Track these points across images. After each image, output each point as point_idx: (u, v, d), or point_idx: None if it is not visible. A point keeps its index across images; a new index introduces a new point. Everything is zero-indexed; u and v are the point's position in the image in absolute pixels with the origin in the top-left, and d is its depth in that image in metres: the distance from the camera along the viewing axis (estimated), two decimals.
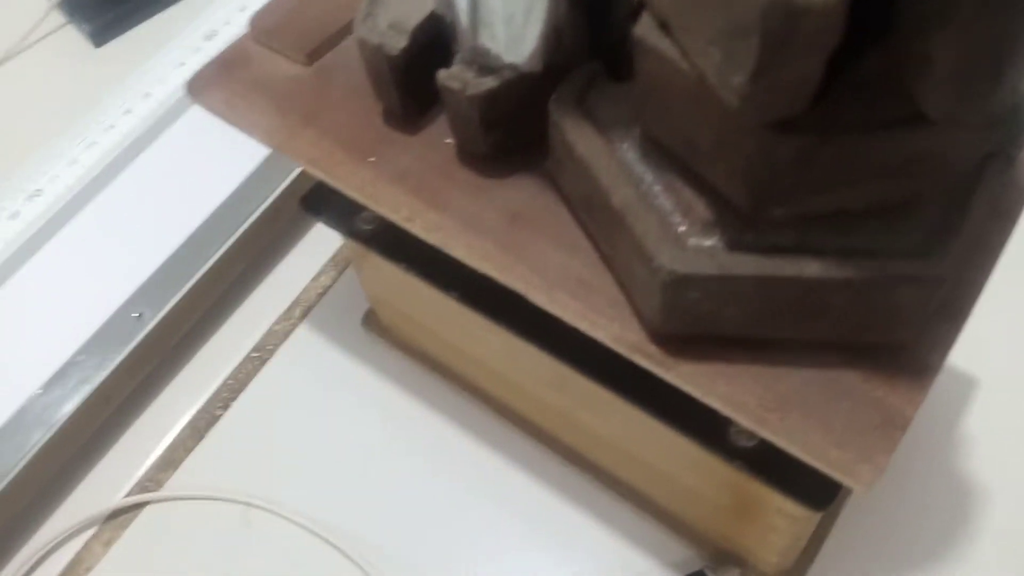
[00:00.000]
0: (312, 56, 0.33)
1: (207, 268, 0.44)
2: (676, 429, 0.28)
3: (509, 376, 0.38)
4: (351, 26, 0.32)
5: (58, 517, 0.41)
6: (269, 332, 0.45)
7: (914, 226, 0.23)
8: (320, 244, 0.48)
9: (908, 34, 0.20)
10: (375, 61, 0.29)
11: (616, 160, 0.25)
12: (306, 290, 0.47)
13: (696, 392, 0.24)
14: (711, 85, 0.20)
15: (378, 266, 0.37)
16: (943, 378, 0.39)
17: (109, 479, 0.42)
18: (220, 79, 0.33)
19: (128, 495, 0.41)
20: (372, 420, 0.42)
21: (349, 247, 0.39)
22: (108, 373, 0.41)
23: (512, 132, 0.28)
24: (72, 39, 0.58)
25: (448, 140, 0.30)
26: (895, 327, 0.24)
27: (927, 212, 0.23)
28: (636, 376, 0.26)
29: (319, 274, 0.47)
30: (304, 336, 0.45)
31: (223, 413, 0.43)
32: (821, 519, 0.36)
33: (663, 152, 0.25)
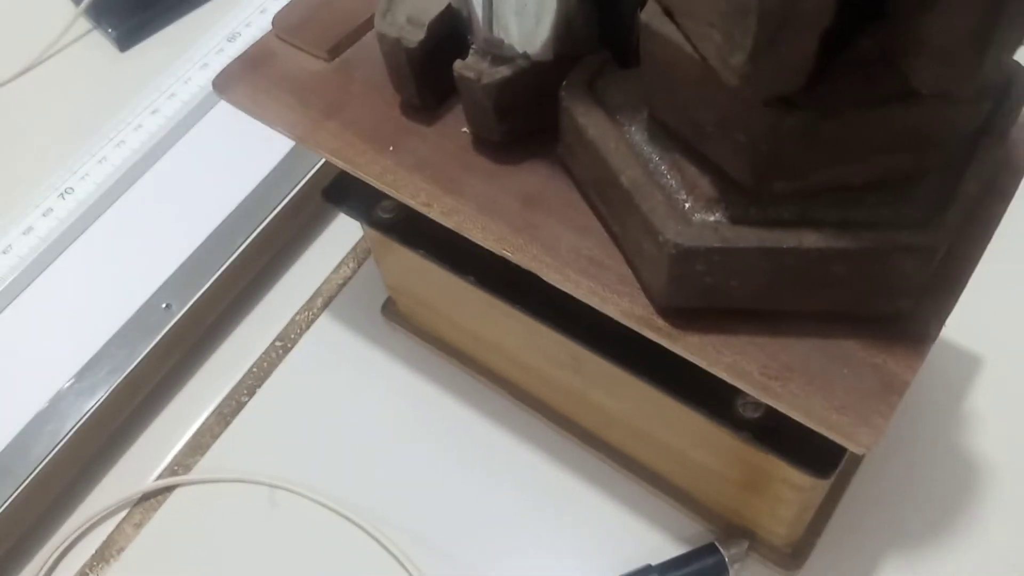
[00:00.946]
0: (333, 52, 0.34)
1: (232, 260, 0.45)
2: (685, 403, 0.30)
3: (524, 359, 0.39)
4: (370, 22, 0.33)
5: (91, 500, 0.42)
6: (292, 322, 0.47)
7: (911, 200, 0.24)
8: (340, 237, 0.49)
9: (899, 15, 0.21)
10: (394, 54, 0.30)
11: (625, 142, 0.26)
12: (327, 281, 0.48)
13: (702, 362, 0.25)
14: (713, 66, 0.22)
15: (397, 254, 0.39)
16: (949, 356, 0.40)
17: (140, 464, 0.43)
18: (245, 75, 0.34)
19: (158, 479, 0.42)
20: (391, 405, 0.43)
21: (369, 237, 0.40)
22: (138, 362, 0.42)
23: (525, 119, 0.29)
24: (99, 44, 0.60)
25: (464, 129, 0.31)
26: (893, 296, 0.25)
27: (924, 187, 0.24)
28: (647, 354, 0.27)
29: (339, 266, 0.48)
30: (326, 325, 0.46)
31: (248, 400, 0.44)
32: (828, 493, 0.37)
33: (669, 133, 0.26)
